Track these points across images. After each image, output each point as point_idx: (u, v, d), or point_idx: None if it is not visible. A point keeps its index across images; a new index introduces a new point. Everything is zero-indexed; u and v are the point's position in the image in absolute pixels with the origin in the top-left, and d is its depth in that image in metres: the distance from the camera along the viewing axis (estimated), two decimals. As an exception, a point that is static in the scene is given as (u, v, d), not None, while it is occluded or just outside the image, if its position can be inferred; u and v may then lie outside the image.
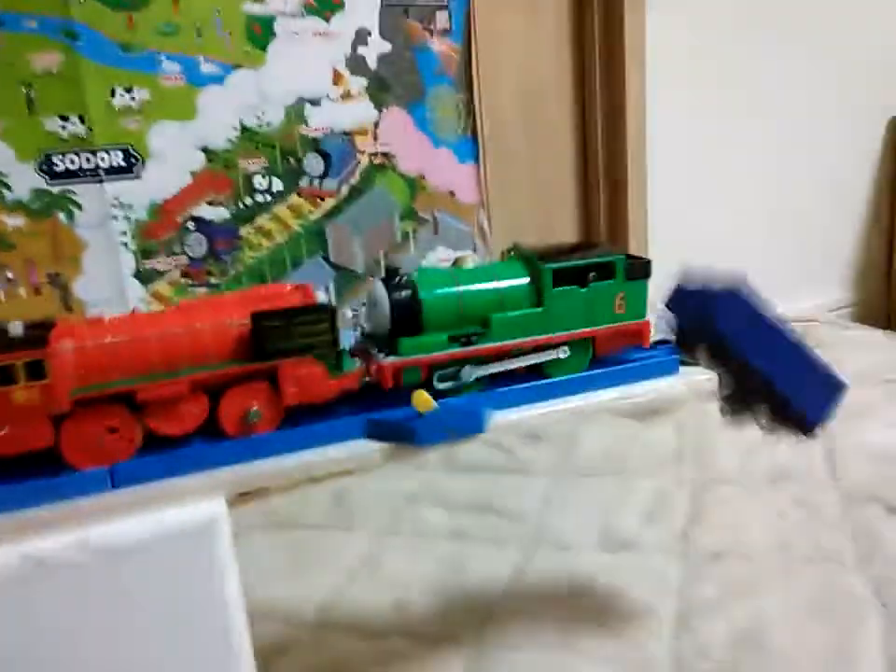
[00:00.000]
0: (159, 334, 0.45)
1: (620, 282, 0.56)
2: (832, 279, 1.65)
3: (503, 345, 0.53)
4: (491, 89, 1.16)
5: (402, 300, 0.50)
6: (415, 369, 0.50)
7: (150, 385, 0.44)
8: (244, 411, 0.46)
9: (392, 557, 0.86)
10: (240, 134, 0.98)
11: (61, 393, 0.42)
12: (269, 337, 0.46)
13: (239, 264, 1.00)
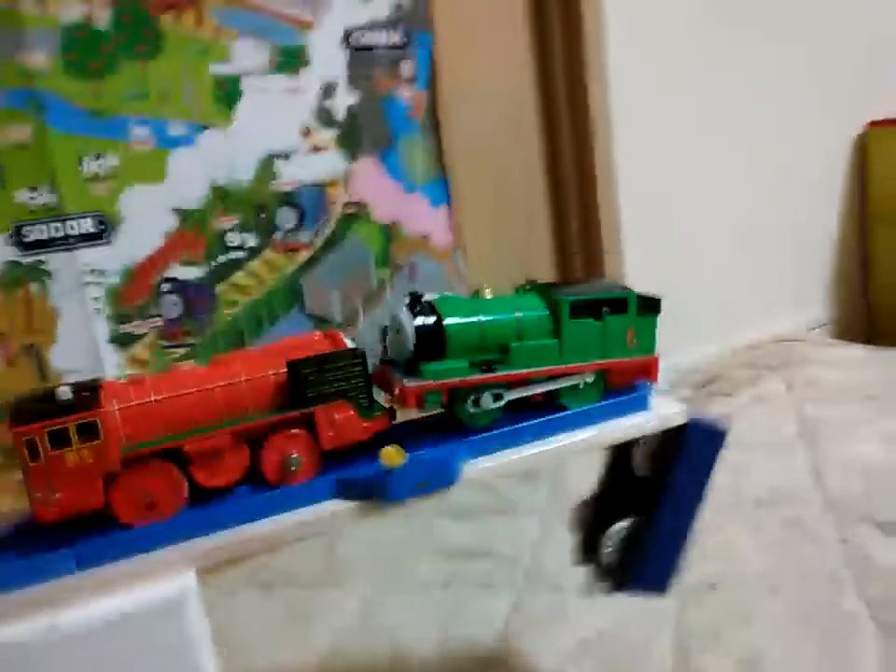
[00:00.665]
0: (199, 390, 0.47)
1: (632, 316, 0.57)
2: (810, 297, 1.66)
3: (521, 373, 0.54)
4: (459, 131, 1.18)
5: (427, 326, 0.52)
6: (437, 392, 0.51)
7: (195, 439, 0.46)
8: (284, 458, 0.48)
9: (387, 610, 0.85)
10: (211, 193, 0.99)
11: (112, 452, 0.43)
12: (306, 384, 0.48)
13: (216, 322, 1.00)
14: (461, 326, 0.53)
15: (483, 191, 1.22)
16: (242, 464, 0.48)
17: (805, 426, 1.15)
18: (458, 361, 0.52)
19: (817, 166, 1.61)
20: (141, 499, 0.45)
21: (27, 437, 0.42)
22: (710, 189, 1.45)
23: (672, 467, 0.57)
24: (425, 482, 0.48)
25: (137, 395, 0.46)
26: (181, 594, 0.42)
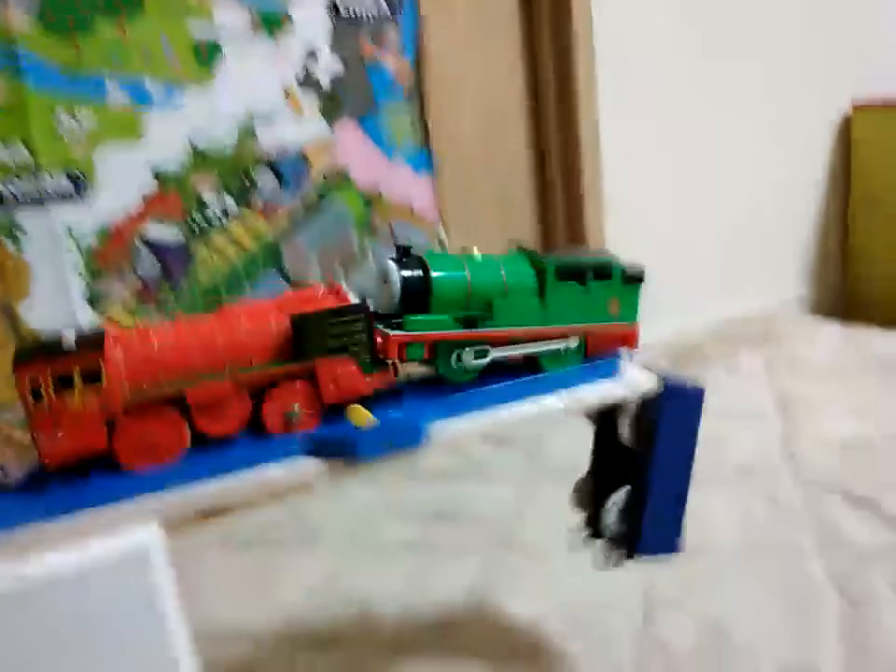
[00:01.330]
0: (203, 339, 0.47)
1: (616, 284, 0.58)
2: (788, 274, 1.67)
3: (504, 332, 0.54)
4: (444, 100, 1.17)
5: (413, 278, 0.52)
6: (420, 345, 0.51)
7: (198, 387, 0.46)
8: (285, 409, 0.48)
9: (355, 572, 0.86)
10: (190, 154, 0.98)
11: (115, 397, 0.44)
12: (308, 338, 0.48)
13: (193, 284, 0.99)
14: (447, 280, 0.52)
15: (466, 161, 1.21)
16: (243, 413, 0.48)
17: (780, 400, 1.17)
18: (443, 315, 0.52)
19: (801, 146, 1.61)
20: (143, 444, 0.45)
21: (31, 379, 0.42)
22: (693, 166, 1.45)
23: (656, 433, 0.58)
24: (392, 441, 0.48)
25: (141, 342, 0.46)
26: (144, 546, 0.42)
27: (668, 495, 0.60)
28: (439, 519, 0.95)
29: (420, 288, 0.52)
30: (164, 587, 0.43)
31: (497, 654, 0.70)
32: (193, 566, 0.90)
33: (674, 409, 0.58)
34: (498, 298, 0.54)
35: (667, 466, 0.59)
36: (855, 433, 1.02)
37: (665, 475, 0.59)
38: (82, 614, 0.41)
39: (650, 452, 0.59)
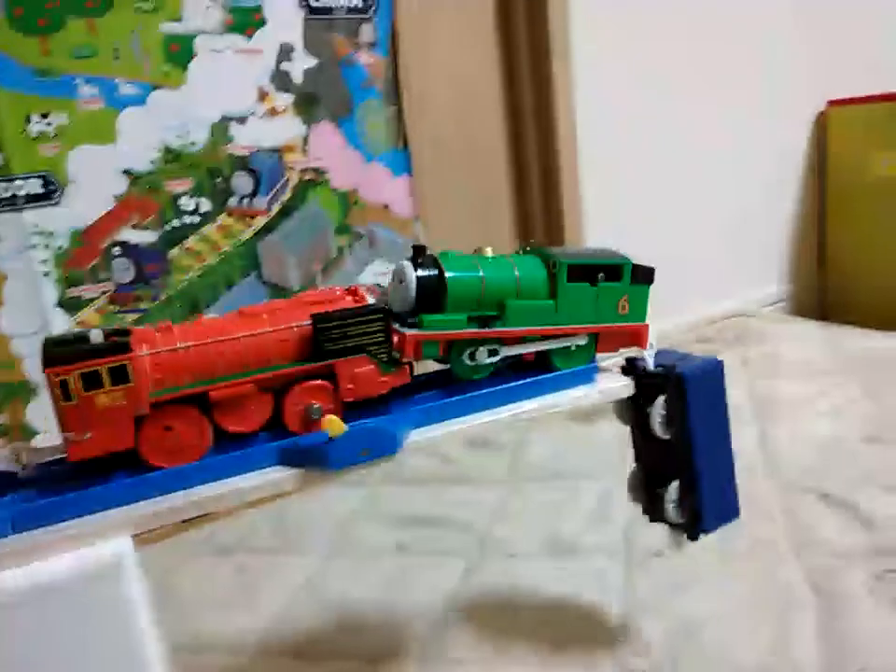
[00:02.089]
0: (225, 339, 0.48)
1: (625, 285, 0.59)
2: (766, 273, 1.68)
3: (517, 331, 0.55)
4: (420, 99, 1.16)
5: (429, 278, 0.53)
6: (435, 343, 0.52)
7: (221, 386, 0.47)
8: (305, 407, 0.49)
9: (336, 578, 0.85)
10: (163, 156, 0.97)
11: (142, 395, 0.45)
12: (328, 338, 0.49)
13: (169, 288, 0.98)
14: (462, 279, 0.53)
15: (443, 161, 1.21)
16: (264, 412, 0.49)
17: (758, 399, 1.17)
18: (457, 314, 0.53)
19: (776, 144, 1.62)
20: (168, 442, 0.46)
21: (61, 378, 0.43)
22: (670, 166, 1.46)
23: (688, 422, 0.59)
24: (366, 450, 0.48)
25: (165, 342, 0.47)
26: (115, 558, 0.41)
27: (716, 471, 0.61)
28: (421, 523, 0.95)
29: (435, 288, 0.53)
30: (136, 599, 0.42)
31: (479, 658, 0.70)
32: (174, 573, 0.90)
33: (698, 393, 0.58)
34: (511, 298, 0.55)
35: (707, 447, 0.60)
36: (832, 433, 1.03)
37: (709, 455, 0.60)
38: (51, 627, 0.41)
39: (687, 441, 0.59)
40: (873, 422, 1.05)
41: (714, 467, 0.61)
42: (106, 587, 0.41)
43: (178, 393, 0.46)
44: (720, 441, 0.61)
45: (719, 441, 0.61)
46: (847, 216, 1.66)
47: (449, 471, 1.08)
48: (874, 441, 0.99)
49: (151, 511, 0.44)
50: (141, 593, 0.42)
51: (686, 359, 0.60)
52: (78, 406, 0.43)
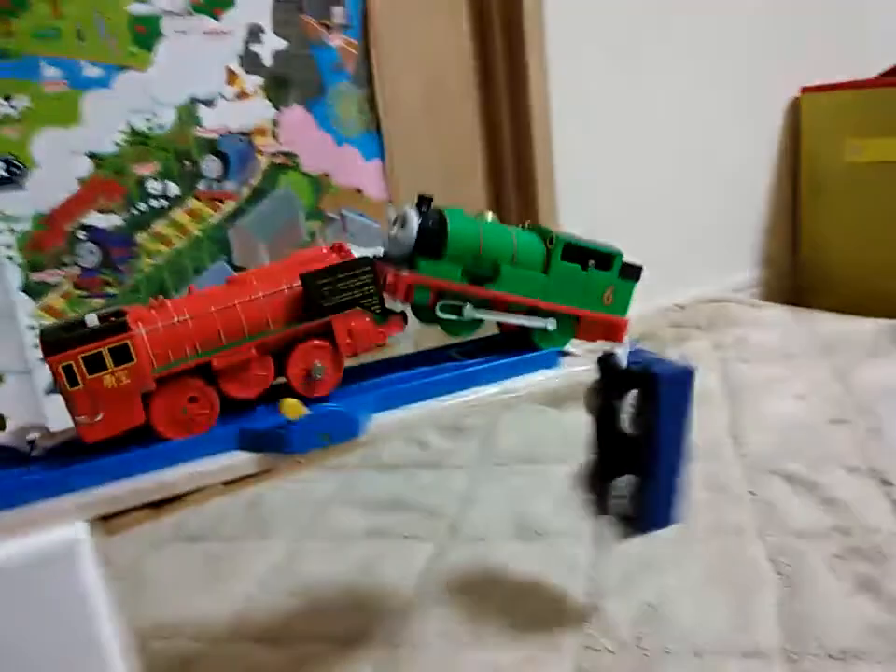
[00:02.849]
0: (220, 308, 0.49)
1: (614, 276, 0.61)
2: (740, 258, 1.69)
3: (506, 295, 0.56)
4: (392, 82, 1.16)
5: (431, 224, 0.53)
6: (426, 289, 0.53)
7: (223, 354, 0.48)
8: (309, 367, 0.50)
9: (306, 562, 0.85)
10: (130, 138, 0.95)
11: (146, 373, 0.46)
12: (321, 295, 0.50)
13: (137, 272, 0.97)
14: (462, 231, 0.54)
15: (416, 145, 1.20)
16: (267, 375, 0.50)
17: (728, 383, 1.19)
18: (452, 266, 0.54)
19: (750, 130, 1.63)
20: (179, 414, 0.47)
21: (64, 364, 0.43)
22: (643, 150, 1.46)
23: (656, 421, 0.60)
24: (327, 434, 0.47)
25: (161, 318, 0.47)
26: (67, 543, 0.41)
27: (670, 474, 0.62)
28: (393, 507, 0.95)
29: (435, 235, 0.53)
30: (91, 585, 0.42)
31: (448, 641, 0.70)
32: (143, 560, 0.89)
33: (670, 394, 0.59)
34: (506, 263, 0.56)
35: (667, 448, 0.61)
36: (798, 415, 1.04)
37: (666, 457, 0.61)
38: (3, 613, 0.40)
39: (650, 438, 0.60)
40: (839, 404, 1.06)
41: (670, 469, 0.62)
42: (58, 572, 0.41)
43: (182, 366, 0.47)
44: (679, 446, 0.62)
45: (678, 446, 0.62)
46: (819, 202, 1.68)
47: (423, 456, 1.08)
48: (839, 423, 1.01)
49: (107, 495, 0.44)
50: (97, 578, 0.42)
51: (661, 361, 0.61)
52: (85, 390, 0.44)
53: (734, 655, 0.65)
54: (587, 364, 0.60)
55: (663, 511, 0.63)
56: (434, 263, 0.53)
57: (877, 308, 1.42)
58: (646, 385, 0.59)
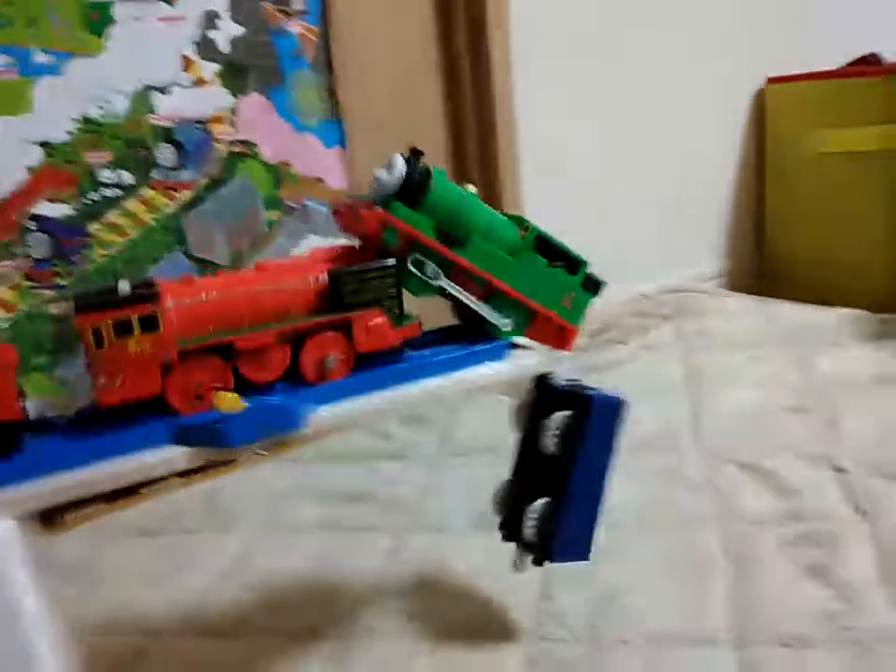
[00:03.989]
0: (246, 291, 0.51)
1: (577, 282, 0.61)
2: (704, 248, 1.70)
3: (471, 265, 0.56)
4: (353, 69, 1.14)
5: (415, 172, 0.54)
6: (394, 232, 0.53)
7: (245, 336, 0.49)
8: (322, 357, 0.52)
9: (263, 556, 0.85)
10: (82, 126, 0.93)
11: (170, 344, 0.47)
12: (345, 291, 0.52)
13: (89, 263, 0.95)
14: (444, 188, 0.55)
15: (378, 133, 1.19)
16: (283, 361, 0.51)
17: (689, 373, 1.19)
18: (427, 219, 0.54)
19: (716, 120, 1.63)
20: (193, 390, 0.48)
21: (93, 326, 0.44)
22: (609, 140, 1.46)
23: (580, 446, 0.60)
24: (265, 427, 0.47)
25: (190, 294, 0.49)
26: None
27: (585, 505, 0.62)
28: (352, 499, 0.94)
29: (417, 185, 0.54)
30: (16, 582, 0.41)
31: (402, 632, 0.70)
32: (95, 555, 0.88)
33: (599, 423, 0.60)
34: (478, 233, 0.56)
35: (587, 477, 0.61)
36: (757, 404, 1.05)
37: (584, 486, 0.61)
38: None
39: (571, 464, 0.60)
40: (797, 392, 1.07)
41: (585, 500, 0.61)
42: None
43: (204, 342, 0.48)
44: (599, 478, 0.62)
45: (598, 478, 0.62)
46: (784, 192, 1.69)
47: (384, 447, 1.07)
48: (798, 412, 1.02)
49: (34, 492, 0.43)
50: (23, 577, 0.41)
51: (597, 388, 0.61)
52: (109, 353, 0.45)
53: (685, 643, 0.65)
54: (536, 357, 0.60)
55: (572, 540, 0.62)
56: (410, 210, 0.54)
57: (840, 298, 1.43)
58: (578, 407, 0.59)
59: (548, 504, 0.61)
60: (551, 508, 0.61)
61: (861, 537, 0.75)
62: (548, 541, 0.62)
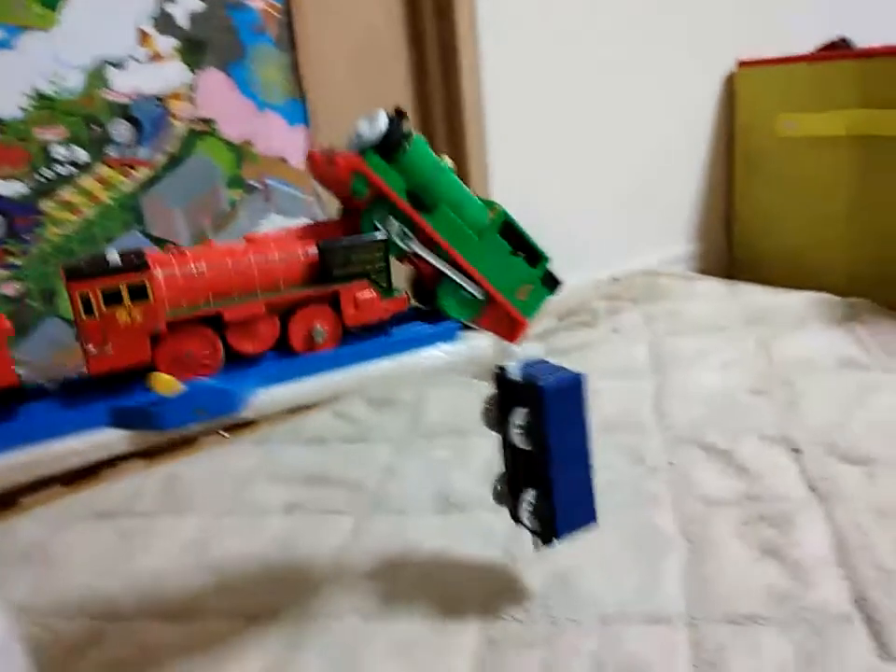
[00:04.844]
0: (237, 263, 0.51)
1: (536, 275, 0.62)
2: (674, 232, 1.70)
3: (435, 234, 0.57)
4: (317, 46, 1.12)
5: (398, 129, 0.54)
6: (364, 182, 0.54)
7: (235, 307, 0.50)
8: (310, 329, 0.53)
9: (222, 538, 0.84)
10: (35, 102, 0.91)
11: (159, 313, 0.47)
12: (334, 264, 0.52)
13: (43, 242, 0.93)
14: (423, 151, 0.55)
15: (343, 111, 1.17)
16: (272, 333, 0.52)
17: (655, 355, 1.20)
18: (399, 177, 0.55)
19: (686, 103, 1.63)
20: (183, 359, 0.49)
21: (82, 292, 0.44)
22: (578, 123, 1.45)
23: (545, 435, 0.60)
24: (201, 409, 0.46)
25: (179, 264, 0.49)
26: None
27: (573, 482, 0.63)
28: (314, 482, 0.94)
29: (396, 142, 0.54)
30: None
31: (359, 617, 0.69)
32: (51, 537, 0.87)
33: (558, 409, 0.60)
34: (448, 204, 0.56)
35: (565, 461, 0.61)
36: (720, 386, 1.06)
37: (565, 467, 0.62)
38: None
39: (544, 456, 0.61)
40: (761, 375, 1.08)
41: (570, 478, 0.62)
42: None
43: (193, 313, 0.48)
44: (578, 452, 0.62)
45: (577, 453, 0.62)
46: (753, 176, 1.69)
47: (348, 429, 1.07)
48: (759, 394, 1.02)
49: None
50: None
51: (550, 371, 0.60)
52: (99, 321, 0.45)
53: (638, 622, 0.65)
54: (488, 339, 0.59)
55: (569, 517, 0.63)
56: (384, 165, 0.54)
57: (809, 282, 1.44)
58: (533, 401, 0.59)
59: (536, 494, 0.63)
60: (540, 497, 0.63)
61: (815, 517, 0.76)
62: (548, 524, 0.63)
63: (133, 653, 0.67)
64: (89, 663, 0.67)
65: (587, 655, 0.62)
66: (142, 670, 0.65)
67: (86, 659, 0.67)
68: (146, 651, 0.68)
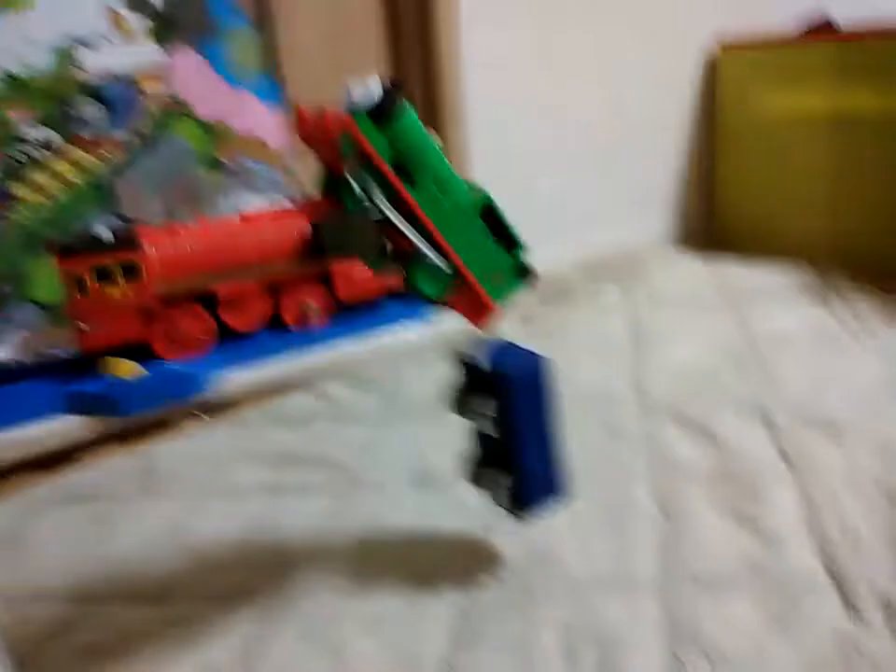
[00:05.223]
0: (230, 241, 0.51)
1: (509, 264, 0.61)
2: (655, 207, 1.70)
3: (414, 205, 0.56)
4: (292, 24, 1.11)
5: (393, 95, 0.53)
6: (351, 143, 0.53)
7: (228, 284, 0.50)
8: (301, 305, 0.53)
9: (199, 519, 0.84)
10: (4, 82, 0.90)
11: (150, 290, 0.47)
12: (326, 242, 0.52)
13: (14, 225, 0.92)
14: (413, 124, 0.54)
15: (318, 90, 1.16)
16: (265, 310, 0.53)
17: (636, 332, 1.20)
18: (386, 144, 0.54)
19: (669, 82, 1.63)
20: (176, 336, 0.49)
21: (75, 272, 0.44)
22: (560, 101, 1.44)
23: (511, 422, 0.61)
24: (162, 394, 0.46)
25: (172, 241, 0.49)
26: None
27: (543, 461, 0.64)
28: (291, 461, 0.94)
29: (387, 108, 0.53)
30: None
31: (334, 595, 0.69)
32: (26, 521, 0.86)
33: (524, 396, 0.60)
34: (431, 178, 0.56)
35: (531, 444, 0.62)
36: (698, 360, 1.06)
37: (532, 452, 0.63)
38: None
39: (512, 442, 0.62)
40: (737, 349, 1.08)
41: (539, 458, 0.63)
42: None
43: (186, 290, 0.48)
44: (544, 433, 0.63)
45: (543, 434, 0.63)
46: (735, 154, 1.69)
47: (326, 409, 1.07)
48: (735, 367, 1.03)
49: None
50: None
51: (516, 357, 0.61)
52: (91, 298, 0.45)
53: (610, 589, 0.66)
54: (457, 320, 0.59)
55: (539, 494, 0.65)
56: (373, 129, 0.53)
57: (786, 258, 1.45)
58: (499, 390, 0.60)
59: (508, 476, 0.64)
60: (508, 479, 0.64)
61: (787, 486, 0.76)
62: (522, 503, 0.64)
63: (108, 637, 0.67)
64: (63, 647, 0.67)
65: (560, 624, 0.63)
66: (117, 653, 0.65)
67: (60, 643, 0.67)
68: (121, 634, 0.67)
